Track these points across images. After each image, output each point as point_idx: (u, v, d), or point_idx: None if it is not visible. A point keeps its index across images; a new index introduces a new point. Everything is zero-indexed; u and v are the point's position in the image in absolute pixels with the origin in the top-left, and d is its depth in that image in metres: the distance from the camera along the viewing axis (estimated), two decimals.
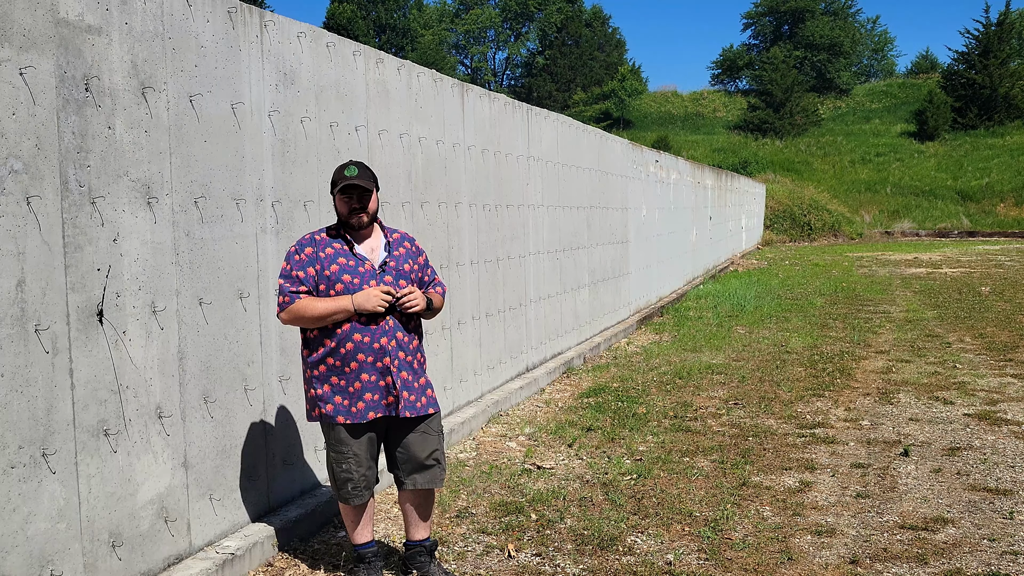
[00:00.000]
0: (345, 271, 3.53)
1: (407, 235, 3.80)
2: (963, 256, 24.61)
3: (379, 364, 3.50)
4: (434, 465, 3.69)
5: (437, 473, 3.70)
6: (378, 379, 3.52)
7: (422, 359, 3.70)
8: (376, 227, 3.70)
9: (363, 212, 3.55)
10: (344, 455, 3.59)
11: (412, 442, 3.64)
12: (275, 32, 4.26)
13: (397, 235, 3.74)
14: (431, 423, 3.69)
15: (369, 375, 3.51)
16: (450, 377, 6.33)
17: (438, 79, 6.08)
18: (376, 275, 3.55)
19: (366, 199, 3.55)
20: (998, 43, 48.12)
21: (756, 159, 44.21)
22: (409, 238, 3.79)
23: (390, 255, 3.63)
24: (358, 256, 3.57)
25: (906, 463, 5.56)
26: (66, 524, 3.05)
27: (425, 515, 3.78)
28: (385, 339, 3.51)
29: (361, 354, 3.49)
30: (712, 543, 4.26)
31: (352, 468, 3.60)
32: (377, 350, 3.50)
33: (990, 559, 4.07)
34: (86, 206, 3.14)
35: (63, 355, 3.04)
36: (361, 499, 3.66)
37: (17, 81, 2.86)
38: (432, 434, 3.68)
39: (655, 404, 7.18)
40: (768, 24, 66.77)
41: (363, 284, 3.51)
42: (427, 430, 3.66)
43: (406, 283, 3.61)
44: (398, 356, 3.54)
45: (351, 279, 3.51)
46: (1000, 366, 8.64)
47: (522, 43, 72.73)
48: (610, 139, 11.07)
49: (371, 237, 3.65)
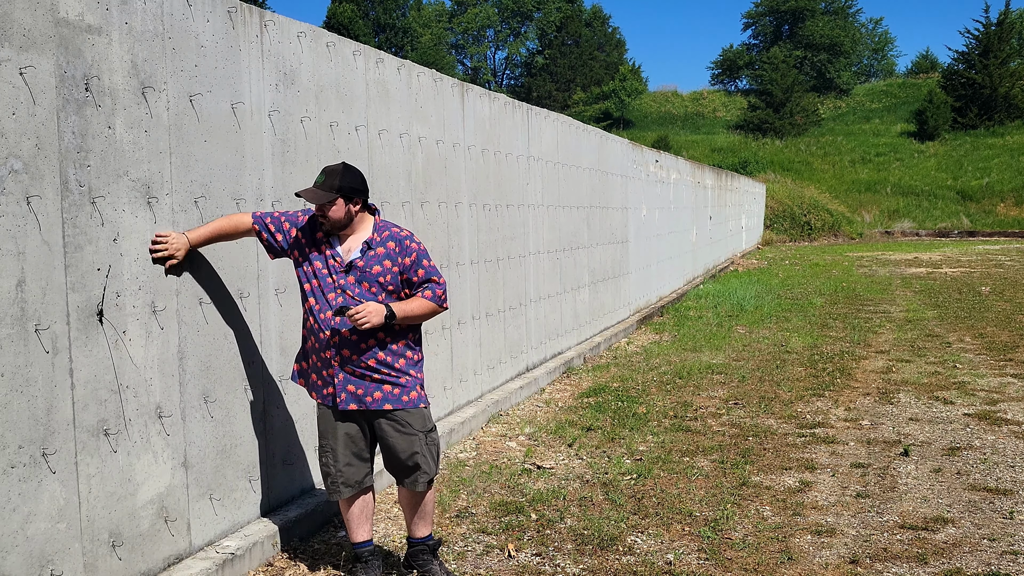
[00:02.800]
0: (318, 258, 3.64)
1: (400, 234, 3.68)
2: (963, 256, 24.61)
3: (324, 355, 3.61)
4: (414, 469, 3.67)
5: (419, 476, 3.68)
6: (323, 370, 3.64)
7: (389, 359, 3.61)
8: (366, 226, 3.67)
9: (323, 219, 3.59)
10: (324, 448, 3.71)
11: (390, 440, 3.65)
12: (275, 32, 4.26)
13: (386, 234, 3.66)
14: (409, 420, 3.64)
15: (320, 368, 3.66)
16: (450, 377, 6.33)
17: (438, 79, 6.07)
18: (339, 272, 3.59)
19: (324, 208, 3.56)
20: (998, 43, 48.12)
21: (756, 159, 44.20)
22: (400, 237, 3.67)
23: (362, 256, 3.61)
24: (335, 250, 3.63)
25: (906, 463, 5.56)
26: (66, 524, 3.05)
27: (422, 513, 3.79)
28: (333, 336, 3.59)
29: (317, 345, 3.63)
30: (712, 543, 4.26)
31: (330, 463, 3.69)
32: (324, 342, 3.59)
33: (990, 559, 4.07)
34: (86, 206, 3.14)
35: (63, 355, 3.04)
36: (339, 495, 3.70)
37: (17, 81, 2.85)
38: (411, 433, 3.64)
39: (655, 404, 7.18)
40: (768, 24, 66.79)
41: (328, 276, 3.60)
42: (404, 428, 3.64)
43: (370, 285, 3.58)
44: (341, 353, 3.58)
45: (321, 267, 3.62)
46: (1000, 366, 8.64)
47: (521, 43, 72.76)
48: (610, 139, 11.07)
49: (353, 236, 3.65)
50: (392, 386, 3.62)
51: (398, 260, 3.63)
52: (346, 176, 3.57)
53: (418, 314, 3.62)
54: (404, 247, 3.66)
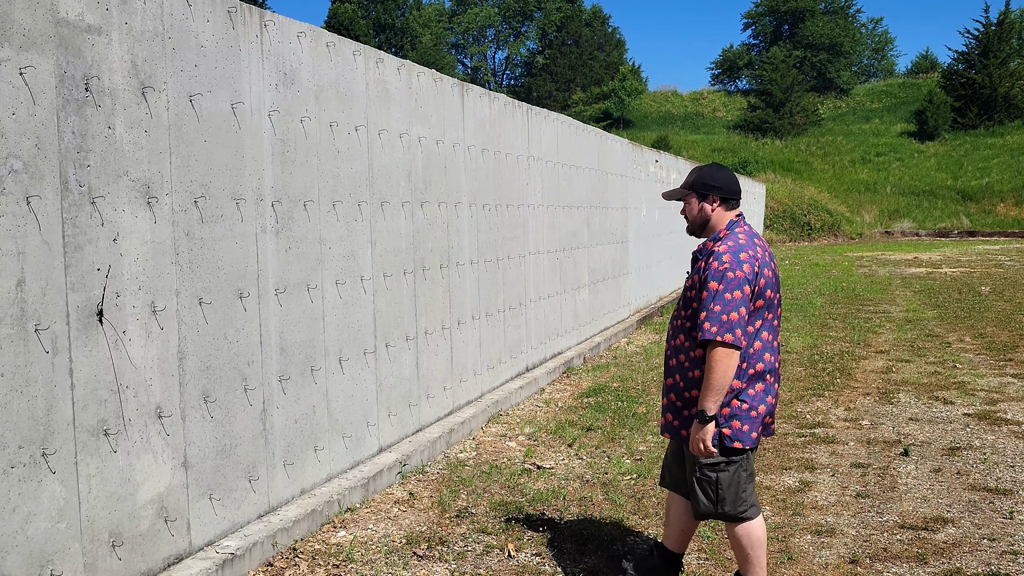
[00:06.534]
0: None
1: (715, 249, 3.33)
2: (963, 256, 24.60)
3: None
4: (692, 491, 3.43)
5: (693, 504, 3.44)
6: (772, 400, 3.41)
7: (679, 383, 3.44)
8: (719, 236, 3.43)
9: (686, 220, 3.53)
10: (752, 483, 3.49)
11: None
12: (275, 32, 4.26)
13: (708, 244, 3.42)
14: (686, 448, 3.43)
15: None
16: (450, 377, 6.33)
17: (438, 79, 6.07)
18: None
19: (683, 210, 3.52)
20: (998, 43, 48.10)
21: (756, 159, 44.19)
22: (713, 252, 3.32)
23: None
24: None
25: (906, 463, 5.56)
26: (66, 524, 3.05)
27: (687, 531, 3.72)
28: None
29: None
30: (712, 543, 4.26)
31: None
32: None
33: (990, 559, 4.07)
34: (86, 206, 3.14)
35: (63, 355, 3.04)
36: (662, 486, 3.75)
37: (17, 81, 2.85)
38: (688, 461, 3.46)
39: (655, 404, 7.18)
40: (768, 24, 66.75)
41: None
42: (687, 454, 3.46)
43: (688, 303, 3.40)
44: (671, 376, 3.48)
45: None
46: (1000, 366, 8.64)
47: (522, 43, 72.75)
48: (610, 139, 11.07)
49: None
50: (668, 412, 3.56)
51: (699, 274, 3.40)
52: (694, 176, 3.49)
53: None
54: (706, 263, 3.37)
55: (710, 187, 3.43)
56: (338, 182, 4.81)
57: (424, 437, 5.70)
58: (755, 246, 3.30)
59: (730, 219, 3.43)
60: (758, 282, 3.22)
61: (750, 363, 3.26)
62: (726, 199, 3.43)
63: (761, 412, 3.29)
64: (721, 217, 3.43)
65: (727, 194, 3.43)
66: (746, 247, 3.27)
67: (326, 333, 4.72)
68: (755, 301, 3.23)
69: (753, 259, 3.23)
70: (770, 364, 3.31)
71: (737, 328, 3.14)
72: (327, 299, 4.72)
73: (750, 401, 3.27)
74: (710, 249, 3.36)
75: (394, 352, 5.47)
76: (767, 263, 3.30)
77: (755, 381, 3.28)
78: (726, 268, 3.19)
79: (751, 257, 3.23)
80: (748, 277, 3.19)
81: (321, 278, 4.66)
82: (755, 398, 3.28)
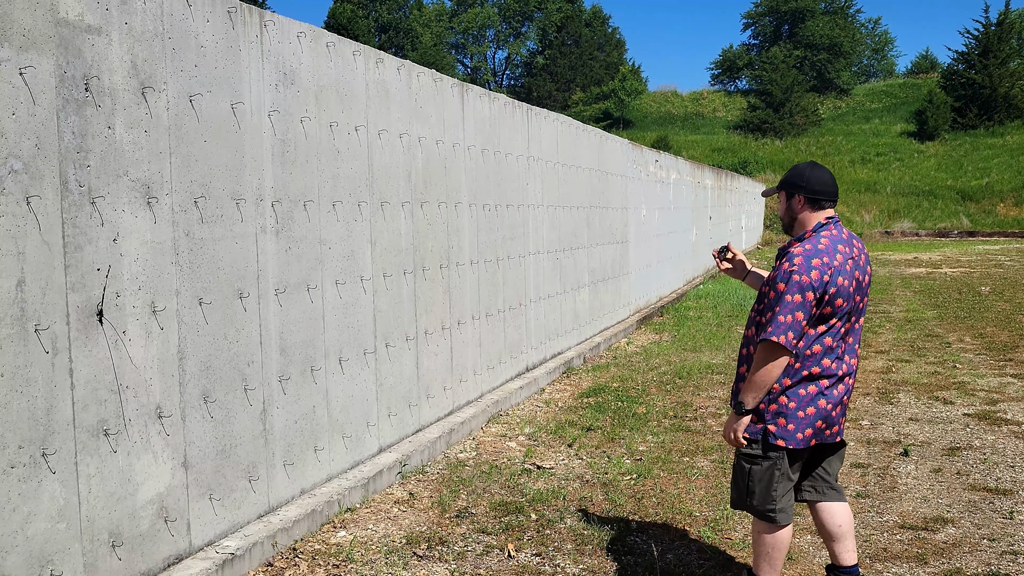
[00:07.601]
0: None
1: (791, 250, 3.34)
2: (963, 256, 24.60)
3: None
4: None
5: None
6: (833, 411, 3.39)
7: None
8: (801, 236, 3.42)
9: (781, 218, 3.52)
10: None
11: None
12: (275, 32, 4.26)
13: (793, 244, 3.40)
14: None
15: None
16: (450, 377, 6.33)
17: (438, 79, 6.08)
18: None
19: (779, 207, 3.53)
20: (998, 43, 48.10)
21: (756, 159, 44.20)
22: (788, 252, 3.34)
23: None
24: None
25: (906, 463, 5.56)
26: (66, 524, 3.05)
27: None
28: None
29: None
30: (712, 543, 4.26)
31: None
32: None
33: (990, 559, 4.07)
34: (86, 206, 3.14)
35: (63, 355, 3.04)
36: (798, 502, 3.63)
37: (17, 81, 2.86)
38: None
39: (655, 404, 7.18)
40: (768, 24, 66.79)
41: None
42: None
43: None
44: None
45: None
46: (1000, 366, 8.64)
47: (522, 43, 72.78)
48: (610, 139, 11.07)
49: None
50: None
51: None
52: (791, 170, 3.46)
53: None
54: (777, 264, 3.39)
55: (796, 186, 3.40)
56: (338, 182, 4.81)
57: (424, 437, 5.70)
58: (835, 253, 3.25)
59: (818, 221, 3.38)
60: (827, 290, 3.19)
61: (804, 365, 3.25)
62: (812, 199, 3.38)
63: (810, 414, 3.27)
64: (808, 218, 3.40)
65: (813, 194, 3.37)
66: (823, 253, 3.23)
67: (326, 333, 4.72)
68: (822, 308, 3.21)
69: (826, 266, 3.19)
70: (829, 370, 3.27)
71: (790, 331, 3.14)
72: (327, 299, 4.72)
73: (798, 401, 3.25)
74: (788, 249, 3.36)
75: (394, 352, 5.47)
76: (846, 272, 3.24)
77: (807, 383, 3.26)
78: (794, 271, 3.19)
79: (824, 264, 3.19)
80: (814, 283, 3.16)
81: (321, 278, 4.66)
82: (804, 399, 3.26)
